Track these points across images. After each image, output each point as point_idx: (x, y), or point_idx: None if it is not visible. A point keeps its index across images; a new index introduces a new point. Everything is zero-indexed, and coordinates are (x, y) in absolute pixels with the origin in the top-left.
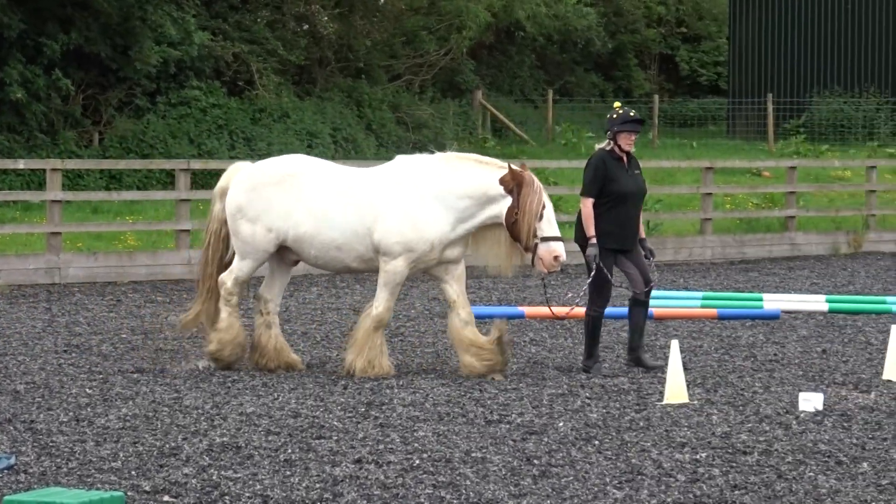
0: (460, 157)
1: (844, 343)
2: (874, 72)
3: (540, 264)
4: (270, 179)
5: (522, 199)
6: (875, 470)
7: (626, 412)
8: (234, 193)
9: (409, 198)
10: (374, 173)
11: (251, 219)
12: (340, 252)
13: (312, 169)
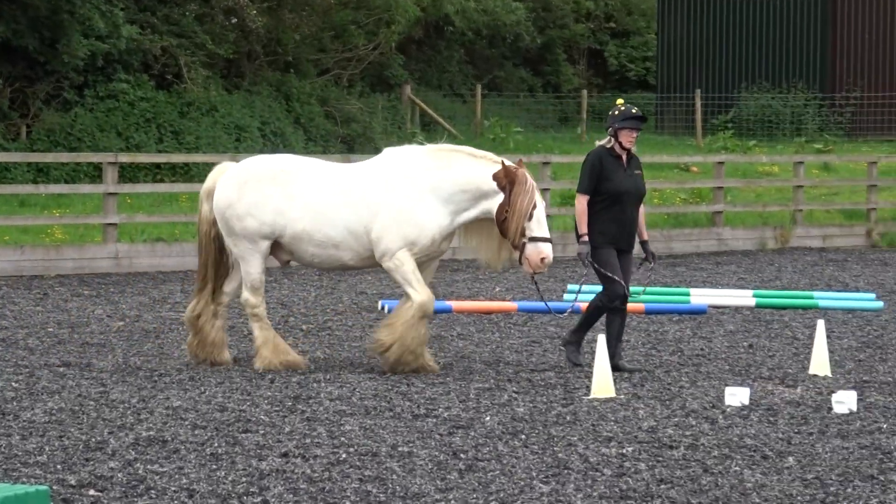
0: (452, 150)
1: (771, 338)
2: (802, 67)
3: (527, 264)
4: (263, 175)
5: (514, 198)
6: (801, 464)
7: (552, 406)
8: (224, 190)
9: (406, 194)
10: (367, 169)
11: (241, 214)
12: (338, 250)
13: (304, 166)
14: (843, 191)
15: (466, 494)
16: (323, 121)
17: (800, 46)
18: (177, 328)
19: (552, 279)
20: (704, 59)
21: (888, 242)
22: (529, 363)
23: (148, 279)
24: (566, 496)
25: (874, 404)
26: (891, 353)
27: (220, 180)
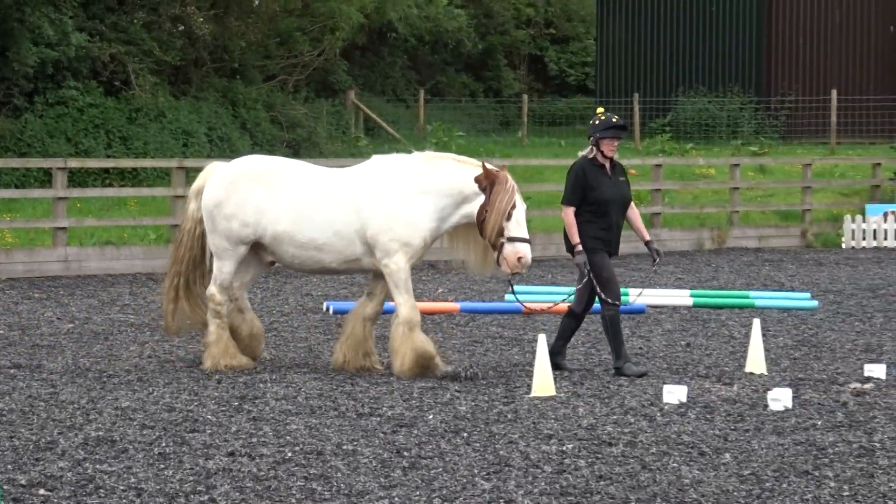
0: (438, 156)
1: (708, 337)
2: (737, 72)
3: (504, 264)
4: (249, 175)
5: (493, 197)
6: (737, 460)
7: (494, 405)
8: (212, 189)
9: (396, 195)
10: (356, 173)
11: (228, 215)
12: (321, 252)
13: (292, 168)
14: (779, 192)
15: (410, 492)
16: (269, 126)
17: (735, 52)
18: (126, 330)
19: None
20: (642, 64)
21: (822, 243)
22: (471, 362)
23: (97, 282)
24: (507, 493)
25: (809, 401)
26: (825, 351)
27: (210, 179)
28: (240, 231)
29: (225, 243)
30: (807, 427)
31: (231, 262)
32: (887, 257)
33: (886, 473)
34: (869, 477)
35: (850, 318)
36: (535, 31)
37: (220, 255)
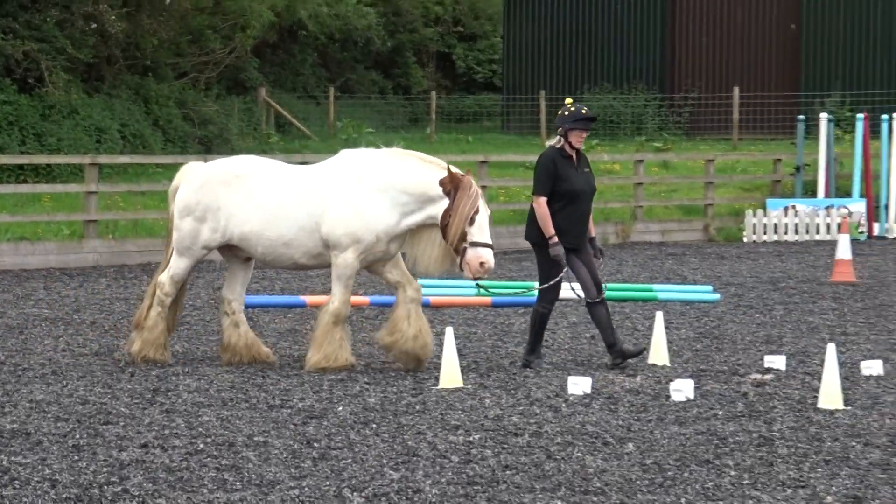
0: (404, 154)
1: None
2: (642, 69)
3: (467, 269)
4: (220, 178)
5: (457, 202)
6: (640, 450)
7: (402, 396)
8: (183, 191)
9: (354, 190)
10: (319, 169)
11: (198, 217)
12: (289, 248)
13: (261, 168)
14: (682, 188)
15: (320, 482)
16: (181, 123)
17: (640, 50)
18: (40, 324)
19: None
20: (549, 62)
21: (724, 237)
22: (380, 355)
23: (12, 277)
24: (415, 482)
25: (710, 392)
26: (726, 342)
27: (183, 181)
28: (208, 236)
29: (188, 243)
30: (708, 417)
31: (190, 261)
32: (787, 251)
33: (785, 462)
34: (768, 465)
35: (751, 311)
36: (443, 29)
37: (181, 251)
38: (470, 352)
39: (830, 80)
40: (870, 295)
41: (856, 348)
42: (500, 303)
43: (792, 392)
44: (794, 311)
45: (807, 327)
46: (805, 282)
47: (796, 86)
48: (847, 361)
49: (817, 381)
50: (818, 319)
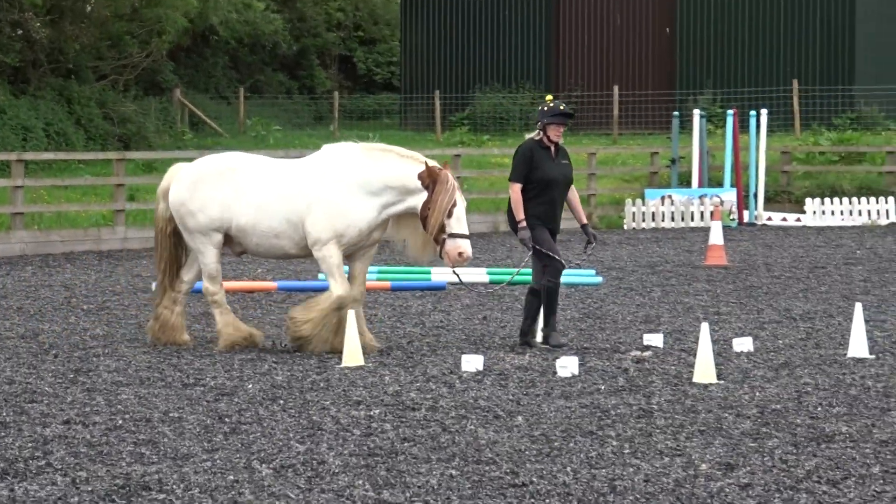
0: (384, 149)
1: (503, 311)
2: (529, 69)
3: (446, 258)
4: (211, 173)
5: (435, 196)
6: (529, 423)
7: (308, 374)
8: (177, 189)
9: (336, 188)
10: (304, 164)
11: (193, 211)
12: (279, 240)
13: (249, 163)
14: None
15: (231, 454)
16: (101, 122)
17: (527, 51)
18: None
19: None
20: (443, 63)
21: (606, 224)
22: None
23: None
24: (320, 454)
25: (594, 368)
26: (608, 322)
27: (175, 180)
28: (209, 224)
29: (199, 237)
30: (592, 391)
31: (211, 252)
32: (664, 237)
33: (663, 432)
34: (647, 436)
35: (631, 293)
36: (344, 34)
37: (199, 249)
38: (371, 332)
39: (703, 79)
40: (740, 277)
41: (728, 327)
42: (399, 287)
43: (669, 368)
44: (671, 293)
45: (682, 307)
46: (681, 265)
47: (671, 84)
48: (720, 339)
49: (692, 357)
50: (693, 300)
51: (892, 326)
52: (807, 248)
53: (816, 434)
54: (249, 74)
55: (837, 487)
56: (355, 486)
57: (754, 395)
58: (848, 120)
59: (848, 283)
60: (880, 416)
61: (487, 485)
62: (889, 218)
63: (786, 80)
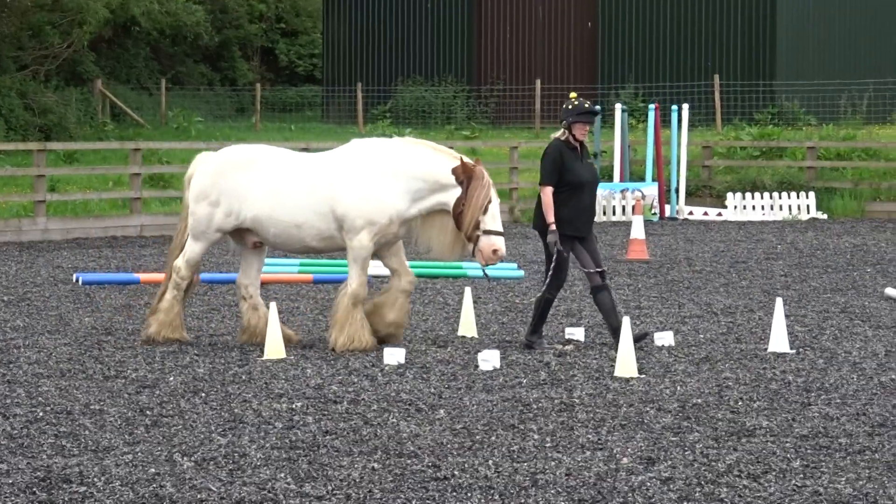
0: (416, 143)
1: (425, 304)
2: (451, 63)
3: (479, 256)
4: (234, 164)
5: (471, 192)
6: (451, 416)
7: (230, 367)
8: (199, 178)
9: (368, 175)
10: (333, 155)
11: (212, 202)
12: (300, 230)
13: (272, 155)
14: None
15: (152, 447)
16: (22, 112)
17: (449, 44)
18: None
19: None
20: (365, 56)
21: (528, 218)
22: (209, 329)
23: None
24: (241, 447)
25: (515, 362)
26: (530, 316)
27: (196, 168)
28: (222, 220)
29: (203, 227)
30: (513, 385)
31: (204, 244)
32: None
33: (585, 426)
34: (569, 430)
35: None
36: (266, 26)
37: (196, 236)
38: (293, 325)
39: (624, 73)
40: (662, 272)
41: (649, 321)
42: (322, 279)
43: (591, 361)
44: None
45: None
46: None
47: (593, 79)
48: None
49: (614, 351)
50: (615, 294)
51: (812, 321)
52: (728, 243)
53: (737, 428)
54: (171, 66)
55: (758, 481)
56: (277, 479)
57: (675, 390)
58: (769, 115)
59: (769, 278)
60: (801, 410)
61: (409, 478)
62: (809, 213)
63: (707, 75)
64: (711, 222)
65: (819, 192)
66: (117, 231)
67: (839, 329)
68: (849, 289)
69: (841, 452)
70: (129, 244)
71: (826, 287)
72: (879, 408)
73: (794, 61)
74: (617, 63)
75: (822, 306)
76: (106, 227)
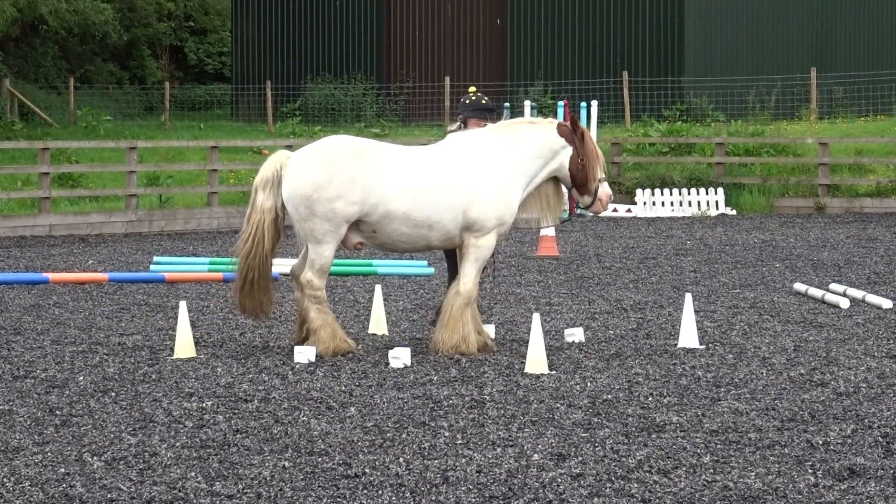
0: (513, 124)
1: (335, 301)
2: (361, 61)
3: (598, 204)
4: (348, 153)
5: (586, 145)
6: (361, 413)
7: (140, 366)
8: (308, 173)
9: (497, 173)
10: (451, 151)
11: (332, 197)
12: (431, 231)
13: (384, 146)
14: None
15: (62, 447)
16: None
17: (359, 42)
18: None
19: (139, 251)
20: (274, 54)
21: None
22: (119, 328)
23: None
24: (152, 447)
25: (426, 359)
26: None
27: (295, 165)
28: (344, 210)
29: (327, 226)
30: (424, 382)
31: (332, 244)
32: None
33: (495, 423)
34: (480, 427)
35: None
36: (175, 24)
37: (320, 239)
38: (203, 324)
39: (534, 70)
40: (572, 268)
41: (559, 317)
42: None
43: (501, 358)
44: (503, 284)
45: (514, 298)
46: (512, 256)
47: (503, 76)
48: (551, 329)
49: (524, 347)
50: (525, 291)
51: (721, 317)
52: (637, 239)
53: (647, 424)
54: (80, 64)
55: (668, 477)
56: (188, 479)
57: (586, 386)
58: (677, 111)
59: (678, 274)
60: (710, 405)
61: (320, 476)
62: (718, 209)
63: (616, 71)
64: (621, 219)
65: (728, 187)
66: (26, 231)
67: (748, 324)
68: (758, 284)
69: (751, 447)
70: (38, 244)
71: (735, 282)
72: (789, 402)
73: (702, 58)
74: (526, 60)
75: (732, 302)
76: (14, 227)
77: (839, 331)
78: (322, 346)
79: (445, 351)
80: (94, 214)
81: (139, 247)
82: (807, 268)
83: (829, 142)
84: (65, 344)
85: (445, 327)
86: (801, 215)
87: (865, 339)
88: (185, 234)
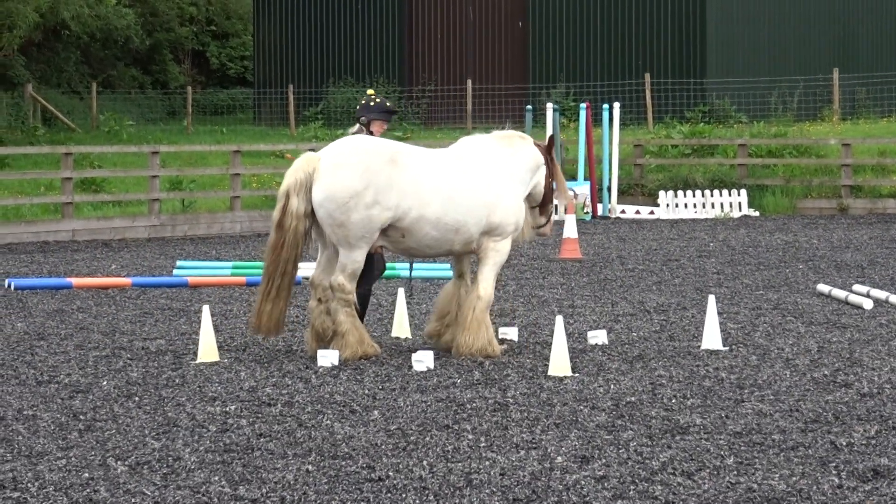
0: (510, 136)
1: None
2: (382, 64)
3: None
4: (382, 158)
5: (554, 164)
6: (385, 417)
7: (163, 371)
8: (343, 179)
9: (510, 179)
10: (469, 155)
11: (369, 203)
12: (457, 234)
13: (409, 149)
14: None
15: (86, 452)
16: None
17: (380, 45)
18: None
19: (162, 256)
20: (296, 58)
21: None
22: (142, 332)
23: None
24: (175, 451)
25: (449, 362)
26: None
27: (328, 169)
28: (380, 216)
29: (361, 232)
30: (447, 385)
31: (365, 249)
32: None
33: (519, 426)
34: (503, 429)
35: None
36: (197, 28)
37: (353, 244)
38: (226, 328)
39: (556, 72)
40: (594, 270)
41: (582, 319)
42: (254, 282)
43: (524, 361)
44: (526, 286)
45: (537, 301)
46: (535, 259)
47: (525, 78)
48: (574, 332)
49: (547, 350)
50: (548, 293)
51: (744, 318)
52: (660, 241)
53: (671, 426)
54: (102, 69)
55: (692, 479)
56: (211, 483)
57: (609, 388)
58: (700, 113)
59: (701, 276)
60: (734, 407)
61: (344, 480)
62: (741, 210)
63: (638, 73)
64: (644, 220)
65: (751, 189)
66: (49, 236)
67: (772, 326)
68: (781, 285)
69: (774, 449)
70: (61, 249)
71: (758, 284)
72: (812, 404)
73: (725, 59)
74: (548, 62)
75: (755, 303)
76: (38, 232)
77: (863, 332)
78: (350, 350)
79: (470, 354)
80: (117, 219)
81: (162, 251)
82: (830, 269)
83: (851, 143)
84: (88, 349)
85: (467, 331)
86: (824, 216)
87: (889, 340)
88: (208, 239)
